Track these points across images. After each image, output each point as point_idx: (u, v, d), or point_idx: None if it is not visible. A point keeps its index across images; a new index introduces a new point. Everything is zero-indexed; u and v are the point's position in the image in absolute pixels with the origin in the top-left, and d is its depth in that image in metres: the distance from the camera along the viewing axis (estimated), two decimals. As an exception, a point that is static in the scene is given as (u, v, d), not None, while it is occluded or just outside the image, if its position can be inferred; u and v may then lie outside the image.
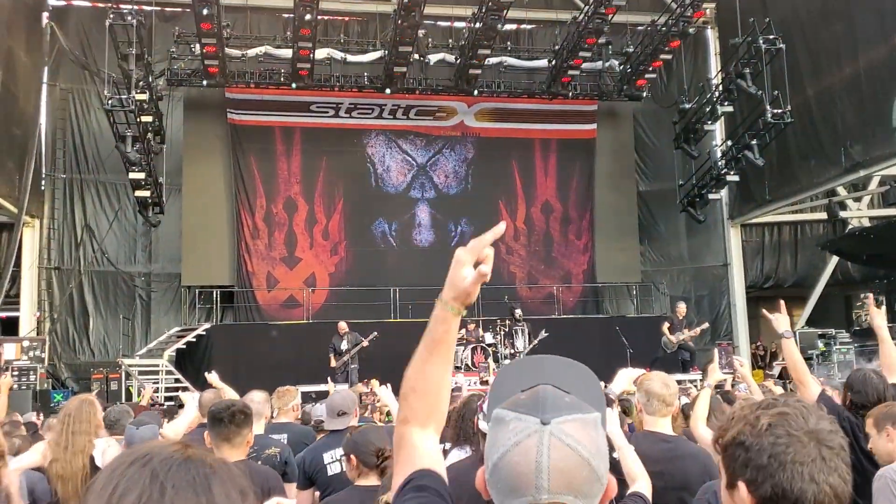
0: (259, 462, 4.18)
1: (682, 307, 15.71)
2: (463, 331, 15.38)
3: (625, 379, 4.14)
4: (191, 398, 5.11)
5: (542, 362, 1.15)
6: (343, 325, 15.06)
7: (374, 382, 7.96)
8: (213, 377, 6.14)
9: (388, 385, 5.11)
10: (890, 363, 4.30)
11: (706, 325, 16.42)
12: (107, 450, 4.23)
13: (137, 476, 0.99)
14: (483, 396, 4.21)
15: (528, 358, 1.25)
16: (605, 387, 5.22)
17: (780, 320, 4.04)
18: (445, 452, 4.44)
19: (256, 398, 4.81)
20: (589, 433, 1.05)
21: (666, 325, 15.25)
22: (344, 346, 14.68)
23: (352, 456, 3.40)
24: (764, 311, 4.45)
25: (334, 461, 4.40)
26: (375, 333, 14.56)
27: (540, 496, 1.00)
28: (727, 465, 1.39)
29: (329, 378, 13.84)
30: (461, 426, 3.94)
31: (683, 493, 3.25)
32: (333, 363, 14.61)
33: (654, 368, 15.31)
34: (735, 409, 1.48)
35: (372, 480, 3.29)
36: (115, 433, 4.63)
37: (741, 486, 1.33)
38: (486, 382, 11.66)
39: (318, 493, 4.32)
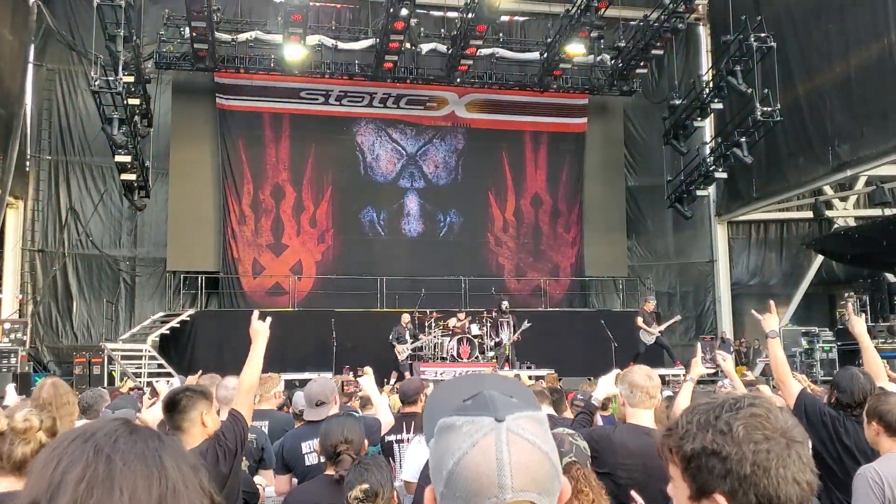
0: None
1: (651, 302, 15.84)
2: (453, 320, 15.38)
3: (607, 383, 4.16)
4: (164, 385, 5.07)
5: (477, 377, 1.11)
6: (406, 317, 15.24)
7: (368, 369, 7.92)
8: (160, 386, 5.86)
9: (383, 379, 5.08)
10: (874, 370, 4.33)
11: (678, 317, 16.58)
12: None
13: (80, 451, 0.94)
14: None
15: (462, 376, 1.21)
16: (590, 388, 5.23)
17: (769, 320, 4.07)
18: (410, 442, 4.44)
19: (230, 384, 4.77)
20: (543, 429, 1.01)
21: (640, 320, 15.36)
22: (408, 337, 14.89)
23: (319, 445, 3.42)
24: (753, 311, 4.48)
25: (311, 451, 4.38)
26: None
27: (504, 495, 0.95)
28: (693, 475, 1.32)
29: (396, 370, 14.04)
30: None
31: (667, 486, 3.25)
32: (400, 355, 14.71)
33: (637, 364, 15.49)
34: (685, 413, 1.39)
35: (332, 470, 3.30)
36: (90, 417, 4.58)
37: (719, 497, 1.29)
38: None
39: (295, 481, 4.31)
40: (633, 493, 2.56)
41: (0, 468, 2.28)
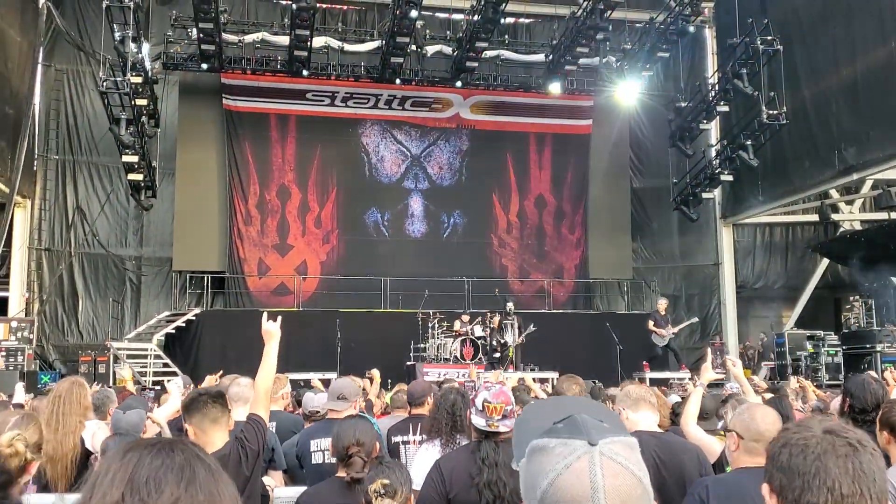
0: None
1: (663, 303, 15.85)
2: (457, 322, 15.39)
3: (709, 370, 4.30)
4: (174, 385, 5.10)
5: (564, 400, 1.15)
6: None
7: (375, 372, 7.98)
8: (171, 386, 5.72)
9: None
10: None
11: (695, 319, 16.52)
12: (97, 432, 4.22)
13: (161, 461, 1.04)
14: (464, 389, 4.24)
15: (550, 398, 1.25)
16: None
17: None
18: (419, 444, 4.46)
19: (243, 382, 4.81)
20: (634, 453, 1.04)
21: (651, 323, 15.34)
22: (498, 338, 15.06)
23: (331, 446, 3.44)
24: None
25: (318, 451, 4.41)
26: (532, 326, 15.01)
27: None
28: None
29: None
30: (435, 417, 3.95)
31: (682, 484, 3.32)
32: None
33: (652, 366, 15.45)
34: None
35: (343, 472, 3.31)
36: (98, 417, 4.61)
37: (765, 487, 1.40)
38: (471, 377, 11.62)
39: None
40: None
41: None
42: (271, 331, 3.68)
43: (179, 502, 0.98)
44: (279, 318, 3.75)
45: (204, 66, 17.54)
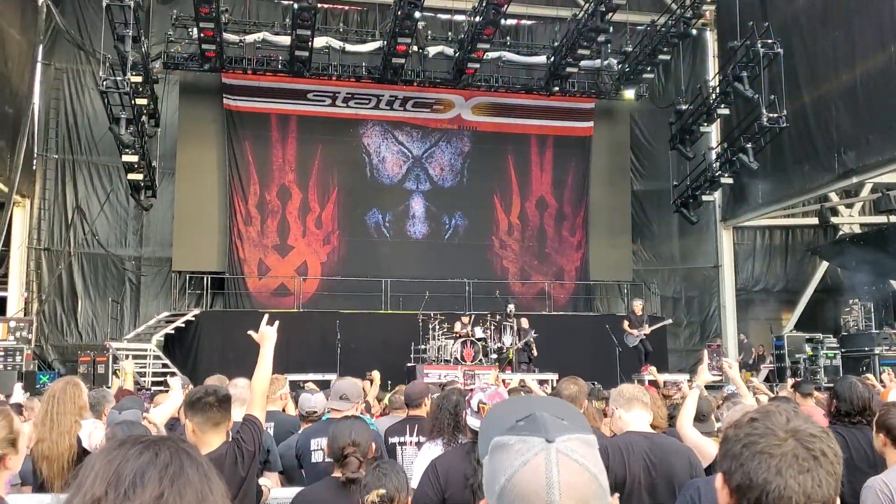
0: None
1: (637, 304, 15.95)
2: (458, 324, 15.38)
3: (705, 372, 4.31)
4: (177, 381, 5.08)
5: (530, 399, 1.18)
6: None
7: (375, 374, 8.00)
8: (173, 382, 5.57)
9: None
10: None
11: (669, 321, 16.59)
12: (93, 431, 4.21)
13: (148, 456, 1.04)
14: (465, 391, 4.24)
15: (515, 397, 1.27)
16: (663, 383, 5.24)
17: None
18: (421, 444, 4.46)
19: (240, 383, 4.80)
20: (592, 451, 1.06)
21: (626, 323, 15.39)
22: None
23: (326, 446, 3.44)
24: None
25: (318, 450, 4.41)
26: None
27: None
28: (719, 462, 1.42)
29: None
30: (437, 417, 3.96)
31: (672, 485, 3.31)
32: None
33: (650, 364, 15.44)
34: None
35: (339, 472, 3.30)
36: (93, 417, 4.60)
37: (719, 476, 1.37)
38: (471, 378, 11.64)
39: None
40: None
41: None
42: (267, 334, 3.67)
43: (164, 498, 0.98)
44: (277, 322, 3.74)
45: (206, 66, 17.56)
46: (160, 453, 1.03)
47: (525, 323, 15.43)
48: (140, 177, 16.38)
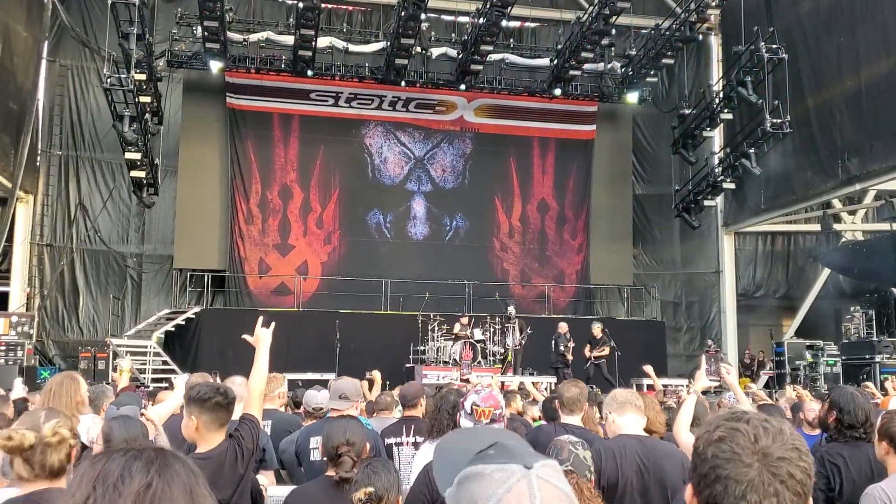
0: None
1: (597, 326, 15.23)
2: (457, 325, 15.37)
3: (703, 377, 4.31)
4: (181, 381, 5.08)
5: (479, 430, 1.23)
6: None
7: (376, 374, 8.01)
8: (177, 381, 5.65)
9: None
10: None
11: (610, 348, 15.50)
12: (91, 426, 4.21)
13: (135, 466, 1.06)
14: (463, 391, 4.24)
15: (463, 429, 1.30)
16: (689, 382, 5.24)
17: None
18: (417, 445, 4.47)
19: (238, 381, 4.80)
20: (561, 475, 1.12)
21: (587, 348, 14.87)
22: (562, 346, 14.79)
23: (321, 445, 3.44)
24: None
25: (317, 448, 4.41)
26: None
27: None
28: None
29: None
30: (436, 418, 3.97)
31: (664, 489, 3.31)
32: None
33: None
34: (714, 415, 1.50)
35: (332, 471, 3.30)
36: (92, 412, 4.60)
37: (689, 487, 1.40)
38: (467, 380, 11.63)
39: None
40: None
41: (36, 476, 2.36)
42: (261, 336, 3.67)
43: (153, 488, 0.99)
44: (273, 324, 3.74)
45: (212, 63, 17.58)
46: (144, 452, 1.05)
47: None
48: (143, 174, 16.41)
